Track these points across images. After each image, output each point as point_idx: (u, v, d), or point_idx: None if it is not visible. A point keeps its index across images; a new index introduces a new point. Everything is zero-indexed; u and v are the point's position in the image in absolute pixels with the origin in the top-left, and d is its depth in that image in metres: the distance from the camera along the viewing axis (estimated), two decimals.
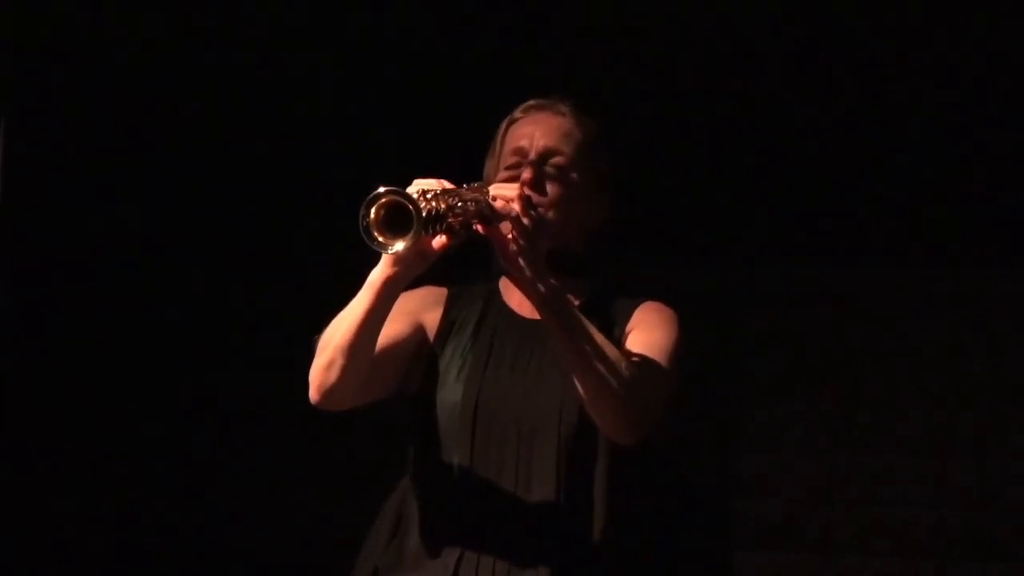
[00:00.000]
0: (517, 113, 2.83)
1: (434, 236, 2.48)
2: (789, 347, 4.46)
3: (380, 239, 2.41)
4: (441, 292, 2.81)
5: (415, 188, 2.46)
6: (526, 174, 2.72)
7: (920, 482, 4.32)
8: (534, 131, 2.78)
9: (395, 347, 2.70)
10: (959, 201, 4.28)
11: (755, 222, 4.42)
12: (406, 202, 2.38)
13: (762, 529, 4.39)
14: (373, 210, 2.40)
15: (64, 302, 4.67)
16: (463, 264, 2.63)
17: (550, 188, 2.74)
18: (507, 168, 2.77)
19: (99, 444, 4.68)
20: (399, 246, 2.41)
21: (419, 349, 2.76)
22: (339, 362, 2.58)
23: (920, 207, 4.33)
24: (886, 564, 4.31)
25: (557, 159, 2.76)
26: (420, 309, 2.76)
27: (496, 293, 2.83)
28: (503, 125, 2.83)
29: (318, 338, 2.63)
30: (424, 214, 2.39)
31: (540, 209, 2.67)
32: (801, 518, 4.37)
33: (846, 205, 4.37)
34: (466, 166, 2.81)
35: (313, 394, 2.64)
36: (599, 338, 2.55)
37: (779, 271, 4.46)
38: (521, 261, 2.55)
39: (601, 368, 2.52)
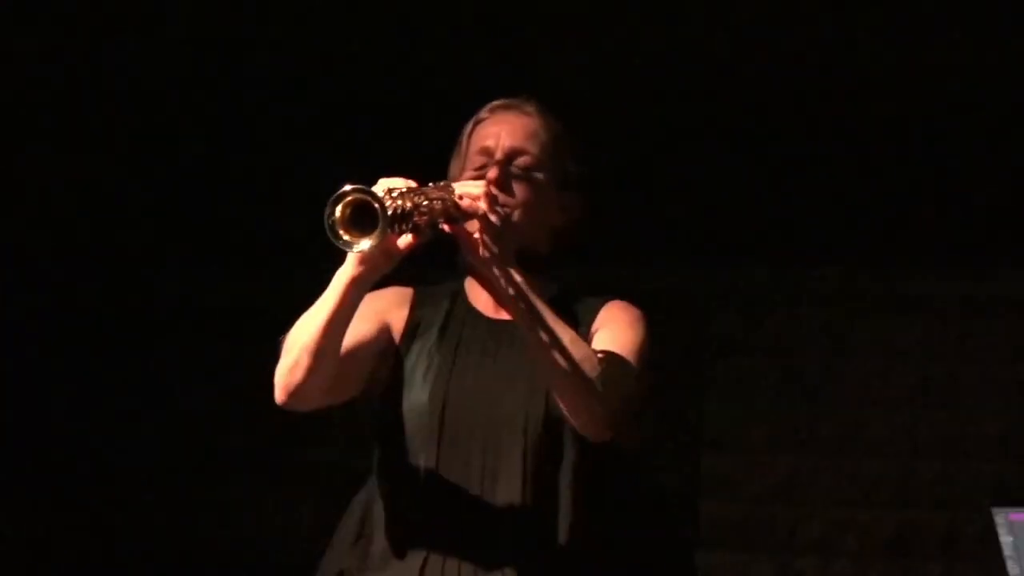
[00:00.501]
0: (483, 113, 2.82)
1: (400, 235, 2.47)
2: (754, 348, 4.46)
3: (346, 237, 2.40)
4: (407, 292, 2.80)
5: (381, 187, 2.45)
6: (492, 174, 2.71)
7: (885, 483, 4.33)
8: (500, 131, 2.77)
9: (361, 347, 2.69)
10: (927, 203, 4.30)
11: (723, 223, 4.43)
12: (372, 200, 2.37)
13: (727, 529, 4.39)
14: (339, 208, 2.39)
15: (38, 302, 4.66)
16: (428, 263, 2.62)
17: (516, 188, 2.74)
18: (473, 169, 2.76)
19: (78, 446, 4.67)
20: (365, 244, 2.40)
21: (385, 349, 2.75)
22: (304, 362, 2.57)
23: (887, 209, 4.35)
24: (851, 564, 4.32)
25: (523, 159, 2.75)
26: (386, 309, 2.75)
27: (461, 292, 2.82)
28: (468, 125, 2.82)
29: (284, 338, 2.62)
30: (390, 212, 2.38)
31: (506, 210, 2.67)
32: (767, 518, 4.38)
33: (813, 206, 4.38)
34: (431, 166, 2.80)
35: (279, 394, 2.62)
36: (570, 333, 2.55)
37: (746, 272, 4.47)
38: (488, 259, 2.54)
39: (574, 362, 2.52)
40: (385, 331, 2.75)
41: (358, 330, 2.64)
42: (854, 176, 4.38)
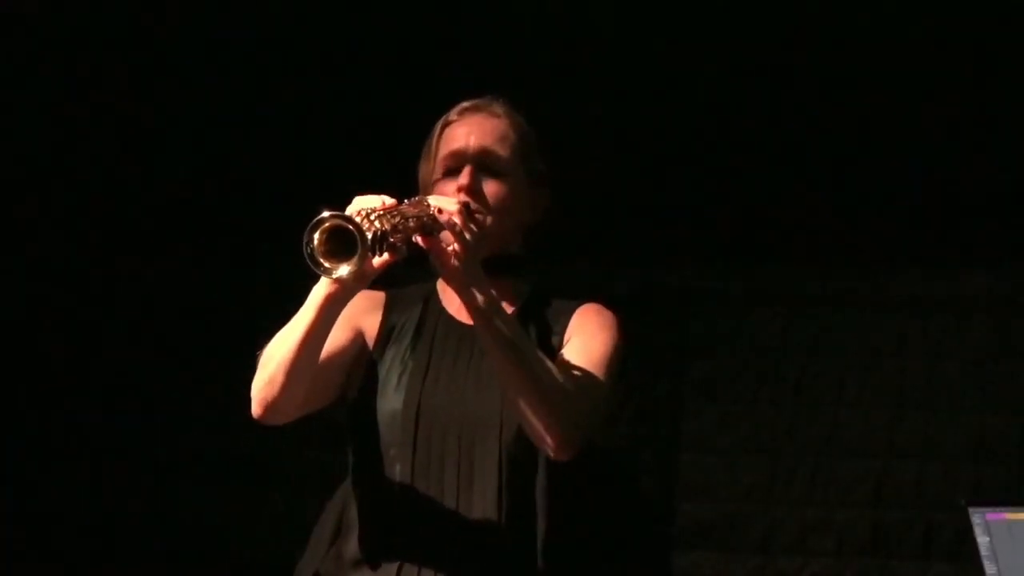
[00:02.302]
0: (452, 115, 2.81)
1: (378, 256, 2.46)
2: (731, 347, 4.45)
3: (326, 265, 2.39)
4: (379, 296, 2.79)
5: (356, 207, 2.44)
6: (463, 179, 2.71)
7: (862, 482, 4.33)
8: (469, 133, 2.76)
9: (336, 356, 2.69)
10: (904, 203, 4.29)
11: (698, 222, 4.42)
12: (351, 227, 2.36)
13: (704, 530, 4.38)
14: (316, 235, 2.38)
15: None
16: (401, 263, 2.60)
17: (488, 190, 2.73)
18: (444, 171, 2.75)
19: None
20: (343, 271, 2.39)
21: (359, 355, 2.75)
22: (280, 379, 2.57)
23: (864, 209, 4.34)
24: (829, 564, 4.31)
25: (494, 161, 2.75)
26: (358, 315, 2.75)
27: (434, 295, 2.81)
28: (437, 127, 2.82)
29: (260, 353, 2.61)
30: (369, 237, 2.37)
31: (479, 216, 2.66)
32: (743, 518, 4.37)
33: (790, 205, 4.37)
34: (401, 169, 2.80)
35: (255, 408, 2.62)
36: (534, 354, 2.55)
37: (721, 271, 4.46)
38: (460, 272, 2.53)
39: (534, 385, 2.52)
40: (359, 337, 2.75)
41: (332, 338, 2.63)
42: (836, 175, 4.37)
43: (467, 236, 2.53)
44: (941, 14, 4.17)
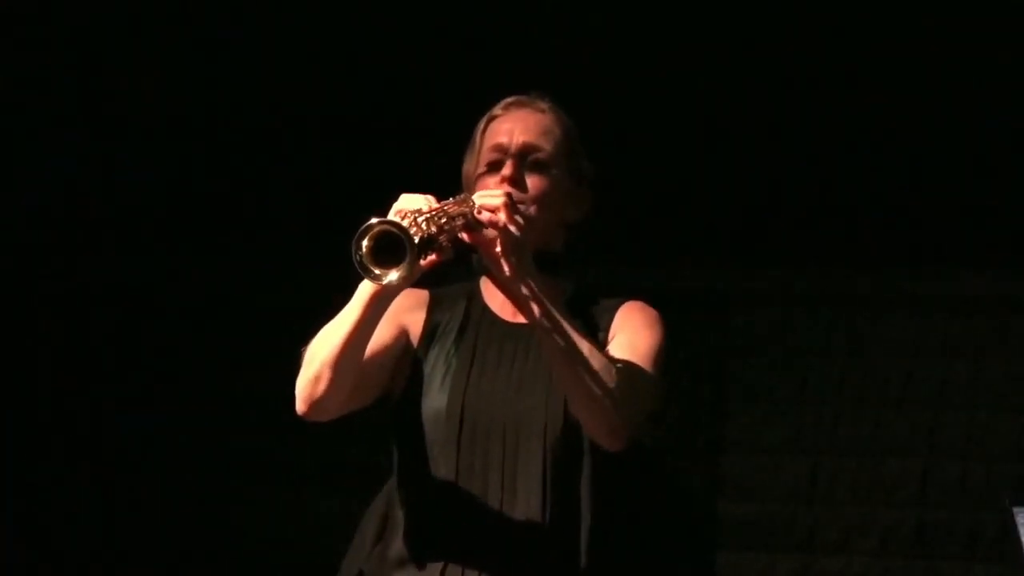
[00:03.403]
0: (496, 110, 2.82)
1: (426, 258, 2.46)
2: (774, 348, 4.45)
3: (375, 272, 2.39)
4: (423, 294, 2.79)
5: (402, 209, 2.44)
6: (506, 170, 2.71)
7: (905, 482, 4.32)
8: (513, 127, 2.76)
9: (380, 354, 2.69)
10: (945, 203, 4.28)
11: (740, 223, 4.42)
12: (399, 233, 2.36)
13: (747, 530, 4.38)
14: (365, 242, 2.38)
15: (51, 299, 4.68)
16: (445, 262, 2.61)
17: (530, 183, 2.73)
18: (487, 164, 2.76)
19: (91, 444, 4.68)
20: (394, 276, 2.39)
21: (403, 354, 2.74)
22: (326, 375, 2.57)
23: (906, 208, 4.33)
24: (872, 565, 4.31)
25: (537, 155, 2.75)
26: (403, 312, 2.75)
27: (477, 294, 2.81)
28: (482, 122, 2.82)
29: (305, 350, 2.62)
30: (417, 241, 2.37)
31: (521, 206, 2.66)
32: (786, 519, 4.37)
33: (832, 206, 4.37)
34: (447, 165, 2.81)
35: (300, 406, 2.62)
36: (587, 344, 2.54)
37: (764, 272, 4.46)
38: (508, 269, 2.54)
39: (590, 374, 2.52)
40: (403, 336, 2.75)
41: (377, 336, 2.63)
42: (875, 176, 4.36)
43: (513, 228, 2.54)
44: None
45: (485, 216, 2.53)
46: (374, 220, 2.37)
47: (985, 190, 4.26)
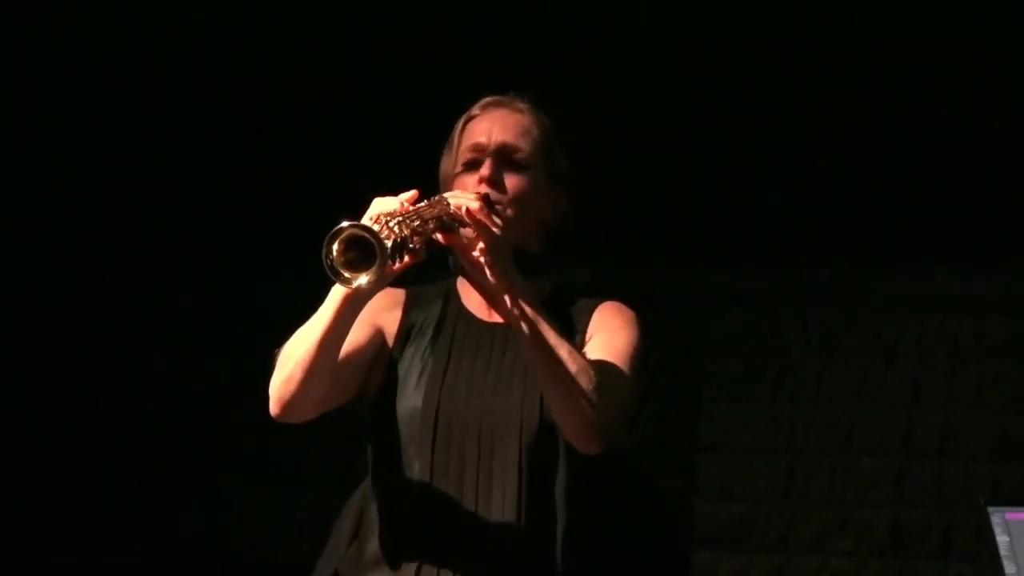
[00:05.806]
0: (475, 110, 2.82)
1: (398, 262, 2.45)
2: (749, 347, 4.45)
3: (345, 275, 2.37)
4: (399, 293, 2.79)
5: (375, 213, 2.43)
6: (485, 170, 2.71)
7: (881, 482, 4.32)
8: (491, 127, 2.76)
9: (355, 355, 2.68)
10: (920, 202, 4.29)
11: (716, 223, 4.42)
12: (370, 237, 2.34)
13: (723, 529, 4.38)
14: (335, 246, 2.36)
15: (40, 302, 4.67)
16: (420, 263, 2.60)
17: (508, 183, 2.73)
18: (464, 164, 2.76)
19: (76, 448, 4.67)
20: (363, 280, 2.37)
21: (379, 354, 2.74)
22: (299, 377, 2.56)
23: (882, 208, 4.34)
24: (847, 564, 4.31)
25: (515, 155, 2.75)
26: (378, 313, 2.74)
27: (453, 293, 2.81)
28: (460, 122, 2.82)
29: (278, 351, 2.61)
30: (388, 245, 2.36)
31: (499, 206, 2.66)
32: (762, 519, 4.37)
33: (807, 206, 4.37)
34: (423, 164, 2.80)
35: (273, 407, 2.61)
36: (565, 345, 2.54)
37: (739, 271, 4.46)
38: (486, 269, 2.53)
39: (568, 375, 2.52)
40: (378, 336, 2.75)
41: (352, 336, 2.62)
42: (849, 176, 4.37)
43: (494, 230, 2.53)
44: (944, 13, 4.17)
45: (464, 212, 2.53)
46: (344, 223, 2.36)
47: (958, 190, 4.26)
